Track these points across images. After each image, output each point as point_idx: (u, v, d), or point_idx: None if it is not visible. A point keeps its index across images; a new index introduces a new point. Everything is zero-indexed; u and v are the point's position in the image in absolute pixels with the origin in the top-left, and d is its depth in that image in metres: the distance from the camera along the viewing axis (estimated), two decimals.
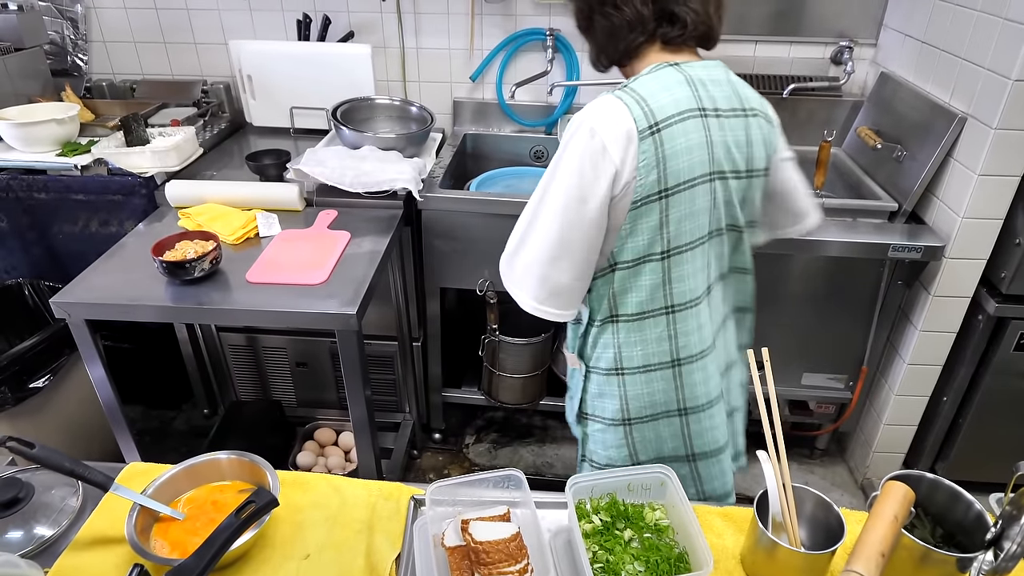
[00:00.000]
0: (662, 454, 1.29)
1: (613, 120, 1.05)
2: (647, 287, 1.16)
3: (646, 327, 1.19)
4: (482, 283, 2.13)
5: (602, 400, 1.28)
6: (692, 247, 1.15)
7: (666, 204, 1.09)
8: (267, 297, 1.55)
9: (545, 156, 2.55)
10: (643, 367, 1.21)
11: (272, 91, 2.41)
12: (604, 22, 1.16)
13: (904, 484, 0.80)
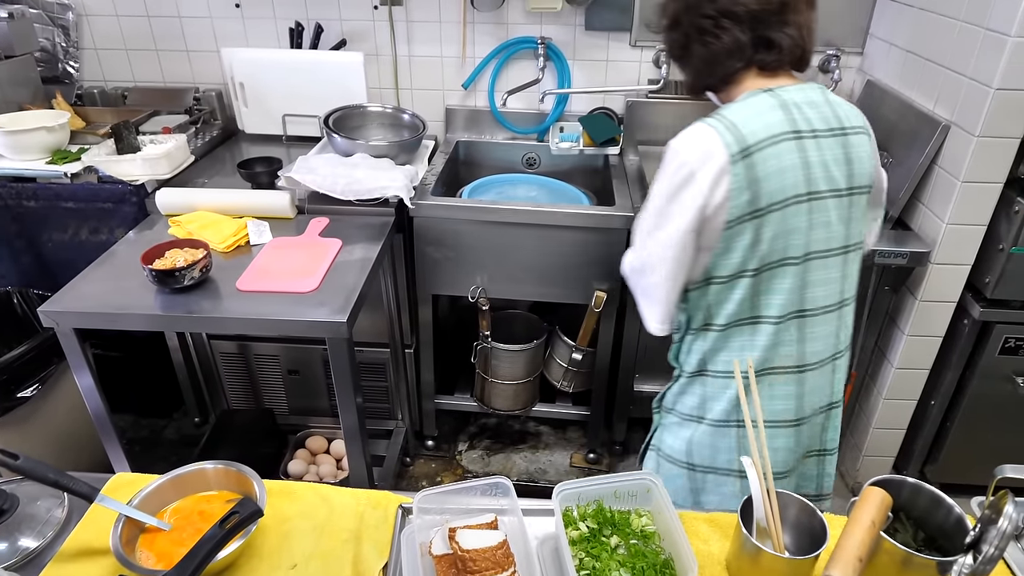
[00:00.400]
0: (716, 464, 1.33)
1: (703, 148, 1.11)
2: (737, 300, 1.21)
3: (732, 336, 1.24)
4: (474, 290, 2.14)
5: (683, 398, 1.36)
6: (784, 265, 1.18)
7: (760, 224, 1.14)
8: (257, 305, 1.55)
9: (537, 163, 2.57)
10: (724, 373, 1.27)
11: (264, 99, 2.41)
12: (702, 50, 1.19)
13: (881, 489, 0.81)
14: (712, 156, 1.10)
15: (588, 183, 2.49)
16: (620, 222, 2.01)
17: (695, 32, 1.19)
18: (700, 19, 1.17)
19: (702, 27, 1.18)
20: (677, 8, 1.22)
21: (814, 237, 1.17)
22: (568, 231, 2.04)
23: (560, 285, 2.13)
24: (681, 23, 1.22)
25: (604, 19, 2.36)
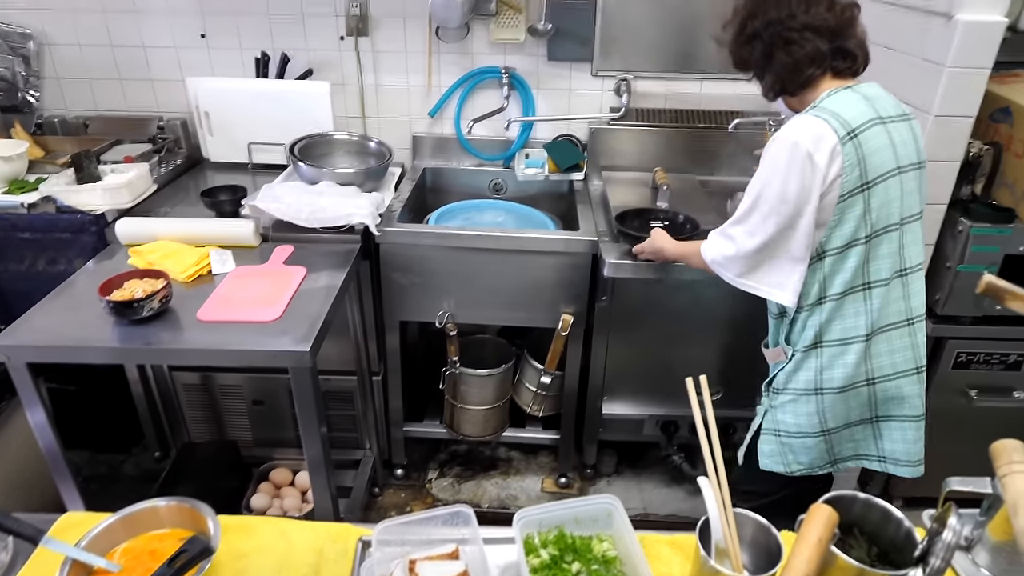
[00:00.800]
0: (849, 419, 1.52)
1: (818, 135, 1.32)
2: (852, 268, 1.39)
3: (846, 303, 1.42)
4: (441, 315, 2.14)
5: (796, 374, 1.51)
6: (888, 231, 1.39)
7: (868, 195, 1.35)
8: (218, 335, 1.54)
9: (503, 189, 2.59)
10: (840, 340, 1.44)
11: (230, 127, 2.41)
12: (787, 58, 1.39)
13: (827, 506, 0.82)
14: (824, 138, 1.31)
15: (554, 208, 2.51)
16: (584, 246, 2.04)
17: (781, 42, 1.38)
18: (786, 31, 1.37)
19: (789, 38, 1.37)
20: (756, 25, 1.41)
21: (906, 204, 1.40)
22: (534, 255, 2.06)
23: (527, 309, 2.14)
24: (761, 36, 1.40)
25: (566, 50, 2.41)
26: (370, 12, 2.39)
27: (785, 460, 1.58)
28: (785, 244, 1.39)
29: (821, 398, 1.49)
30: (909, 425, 1.52)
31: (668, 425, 2.29)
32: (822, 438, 1.53)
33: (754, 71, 1.48)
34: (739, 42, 1.46)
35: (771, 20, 1.39)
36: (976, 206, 1.90)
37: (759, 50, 1.42)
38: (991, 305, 1.94)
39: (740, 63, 1.50)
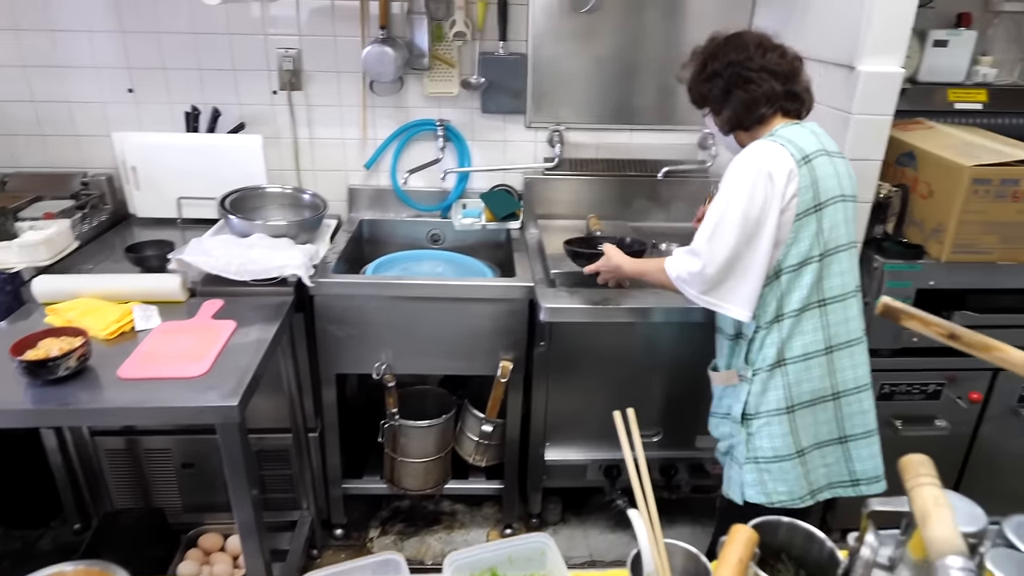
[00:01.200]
0: (819, 438, 1.59)
1: (776, 157, 1.44)
2: (807, 285, 1.49)
3: (804, 320, 1.52)
4: (379, 366, 2.11)
5: (766, 395, 1.56)
6: (839, 251, 1.51)
7: (820, 216, 1.47)
8: (140, 393, 1.48)
9: (441, 239, 2.60)
10: (803, 356, 1.53)
11: (158, 182, 2.38)
12: (744, 95, 1.52)
13: (746, 526, 0.83)
14: (782, 161, 1.43)
15: (492, 257, 2.54)
16: (521, 292, 2.06)
17: (740, 81, 1.51)
18: (745, 71, 1.51)
19: (748, 78, 1.51)
20: (717, 65, 1.54)
21: (848, 229, 1.53)
22: (471, 303, 2.07)
23: (466, 357, 2.13)
24: (722, 75, 1.53)
25: (499, 103, 2.47)
26: (303, 67, 2.42)
27: (766, 490, 1.60)
28: (746, 261, 1.47)
29: (793, 416, 1.56)
30: (874, 440, 1.63)
31: (611, 469, 2.28)
32: (797, 460, 1.57)
33: (712, 107, 1.60)
34: (700, 80, 1.58)
35: (732, 61, 1.52)
36: (888, 244, 2.00)
37: (719, 87, 1.55)
38: (908, 337, 2.02)
39: (699, 99, 1.62)
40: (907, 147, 2.02)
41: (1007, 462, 2.20)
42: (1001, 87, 2.34)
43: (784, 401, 1.55)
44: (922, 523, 0.72)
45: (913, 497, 0.75)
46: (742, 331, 1.60)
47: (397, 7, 2.35)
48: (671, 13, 2.39)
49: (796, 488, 1.59)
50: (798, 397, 1.55)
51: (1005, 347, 0.72)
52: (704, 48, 1.60)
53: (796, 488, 1.59)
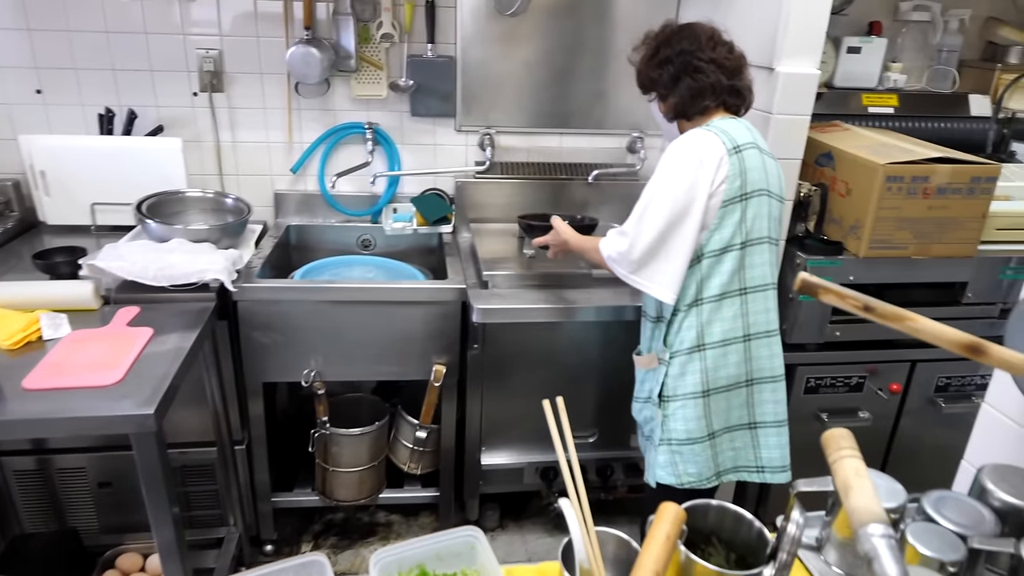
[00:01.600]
0: (730, 423, 1.63)
1: (709, 145, 1.48)
2: (728, 272, 1.53)
3: (724, 306, 1.55)
4: (308, 373, 2.05)
5: (683, 378, 1.59)
6: (760, 242, 1.55)
7: (745, 205, 1.51)
8: (47, 404, 1.39)
9: (372, 244, 2.56)
10: (721, 341, 1.56)
11: (70, 188, 2.25)
12: (692, 84, 1.55)
13: (674, 503, 0.83)
14: (714, 148, 1.48)
15: (424, 262, 2.51)
16: (453, 294, 2.03)
17: (689, 69, 1.55)
18: (696, 61, 1.54)
19: (697, 67, 1.54)
20: (669, 52, 1.57)
21: (772, 225, 1.58)
22: (402, 306, 2.03)
23: (398, 362, 2.09)
24: (672, 62, 1.56)
25: (429, 106, 2.45)
26: (225, 68, 2.34)
27: (676, 471, 1.64)
28: (671, 242, 1.50)
29: (708, 400, 1.60)
30: (783, 431, 1.68)
31: (547, 471, 2.27)
32: (708, 443, 1.62)
33: (659, 92, 1.63)
34: (651, 64, 1.61)
35: (683, 50, 1.56)
36: (810, 241, 2.06)
37: (668, 74, 1.57)
38: (832, 331, 2.09)
39: (648, 83, 1.65)
40: (825, 148, 2.10)
41: (926, 451, 2.29)
42: (910, 92, 2.46)
43: (700, 385, 1.59)
44: (844, 494, 0.73)
45: (835, 470, 0.76)
46: (662, 314, 1.63)
47: (322, 8, 2.31)
48: (598, 17, 2.42)
49: (704, 469, 1.63)
50: (714, 382, 1.59)
51: (916, 316, 0.74)
52: (657, 34, 1.63)
53: (704, 469, 1.63)
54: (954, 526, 0.99)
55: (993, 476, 1.07)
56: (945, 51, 2.51)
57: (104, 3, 2.22)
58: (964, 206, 1.96)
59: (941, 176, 1.90)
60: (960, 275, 2.09)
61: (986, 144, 2.41)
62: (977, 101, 2.46)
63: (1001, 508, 1.03)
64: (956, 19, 2.47)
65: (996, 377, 1.21)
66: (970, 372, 2.22)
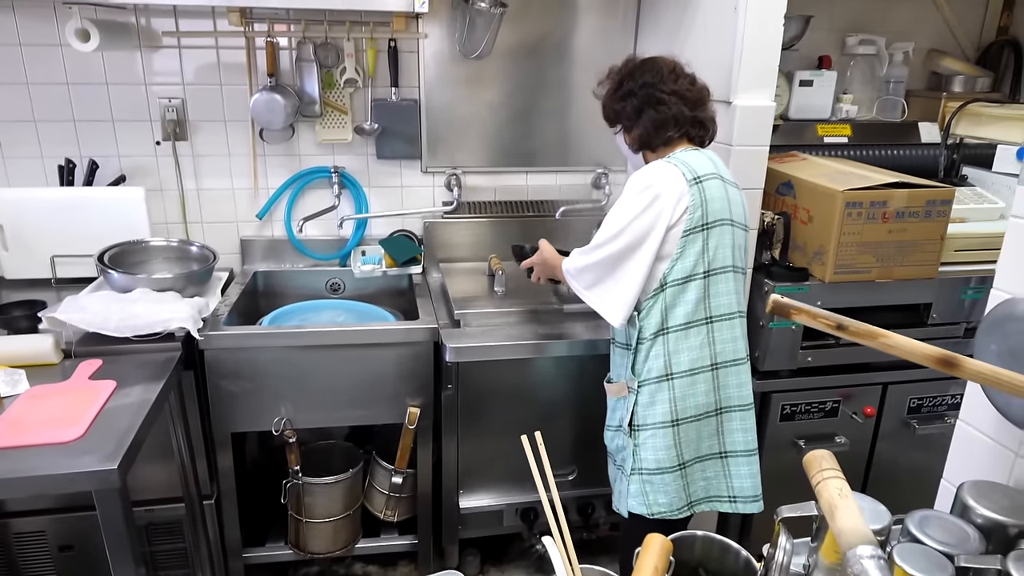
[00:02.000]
0: (700, 452, 1.63)
1: (669, 177, 1.51)
2: (692, 300, 1.54)
3: (691, 335, 1.56)
4: (278, 421, 2.00)
5: (652, 408, 1.59)
6: (724, 272, 1.57)
7: (707, 235, 1.53)
8: (6, 464, 1.34)
9: (341, 288, 2.53)
10: (689, 371, 1.57)
11: (29, 241, 2.20)
12: (655, 116, 1.58)
13: (660, 535, 0.82)
14: (675, 181, 1.50)
15: (395, 303, 2.48)
16: (425, 335, 2.01)
17: (653, 102, 1.58)
18: (658, 93, 1.58)
19: (660, 99, 1.57)
20: (632, 85, 1.61)
21: (736, 254, 1.60)
22: (373, 348, 2.00)
23: (371, 406, 2.06)
24: (636, 94, 1.60)
25: (394, 148, 2.46)
26: (188, 116, 2.33)
27: (647, 501, 1.63)
28: (624, 267, 1.54)
29: (677, 429, 1.59)
30: (753, 460, 1.67)
31: (528, 512, 2.23)
32: (679, 472, 1.61)
33: (623, 124, 1.67)
34: (615, 97, 1.65)
35: (646, 82, 1.59)
36: (776, 268, 2.09)
37: (632, 106, 1.61)
38: (803, 357, 2.11)
39: (612, 116, 1.68)
40: (785, 177, 2.15)
41: (904, 473, 2.30)
42: (863, 122, 2.54)
43: (670, 415, 1.59)
44: (830, 516, 0.73)
45: (819, 491, 0.76)
46: (630, 341, 1.63)
47: (285, 55, 2.32)
48: (559, 58, 2.47)
49: (675, 500, 1.63)
50: (683, 412, 1.59)
51: (889, 333, 0.74)
52: (621, 68, 1.67)
53: (675, 500, 1.63)
54: (940, 545, 0.98)
55: (973, 493, 1.08)
56: (892, 82, 2.60)
57: (65, 56, 2.20)
58: (922, 229, 2.01)
59: (898, 200, 1.95)
60: (924, 296, 2.13)
61: (938, 169, 2.49)
62: (926, 128, 2.55)
63: (984, 524, 1.03)
64: (900, 52, 2.57)
65: (968, 394, 1.23)
66: (940, 392, 2.25)
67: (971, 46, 2.76)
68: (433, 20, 2.35)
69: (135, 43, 2.23)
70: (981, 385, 1.08)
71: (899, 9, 2.63)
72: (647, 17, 2.45)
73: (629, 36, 2.50)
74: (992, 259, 1.19)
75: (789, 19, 1.92)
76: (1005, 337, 0.98)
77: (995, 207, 2.28)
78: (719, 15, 1.96)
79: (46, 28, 2.17)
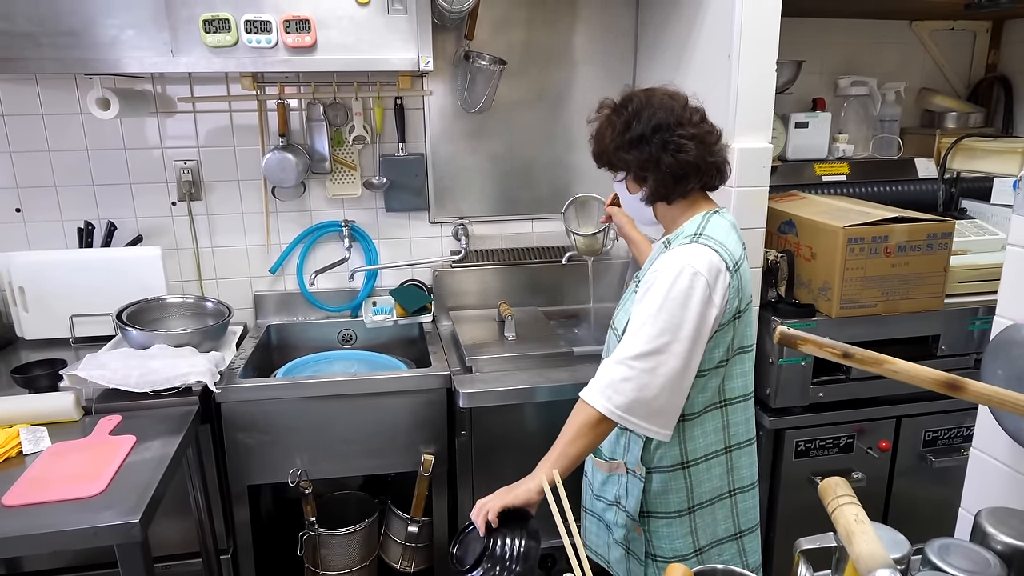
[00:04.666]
0: (716, 536, 1.52)
1: (712, 263, 1.32)
2: (712, 388, 1.43)
3: (706, 421, 1.44)
4: (294, 472, 2.01)
5: (666, 496, 1.47)
6: (743, 352, 1.46)
7: (739, 321, 1.40)
8: (28, 520, 1.35)
9: (353, 339, 2.56)
10: (704, 456, 1.46)
11: (49, 301, 2.25)
12: (673, 162, 1.35)
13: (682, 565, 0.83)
14: (720, 270, 1.32)
15: (406, 352, 2.51)
16: (438, 381, 2.03)
17: (671, 147, 1.35)
18: (675, 138, 1.35)
19: (678, 145, 1.35)
20: (643, 129, 1.36)
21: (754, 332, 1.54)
22: (387, 397, 2.02)
23: (385, 455, 2.07)
24: (649, 141, 1.36)
25: (402, 201, 2.53)
26: (202, 177, 2.41)
27: None
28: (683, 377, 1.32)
29: (693, 516, 1.50)
30: (758, 532, 1.61)
31: (545, 559, 2.21)
32: (695, 559, 1.52)
33: (634, 174, 1.42)
34: (622, 143, 1.39)
35: (660, 124, 1.35)
36: (782, 305, 2.12)
37: (646, 154, 1.37)
38: (815, 392, 2.12)
39: (618, 164, 1.43)
40: (786, 216, 2.19)
41: (923, 507, 2.28)
42: (859, 160, 2.60)
43: (686, 503, 1.48)
44: (847, 541, 0.74)
45: (836, 518, 0.77)
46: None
47: (296, 116, 2.40)
48: (557, 109, 2.56)
49: None
50: (699, 498, 1.49)
51: (894, 360, 0.77)
52: (624, 105, 1.41)
53: None
54: (961, 573, 0.98)
55: (991, 520, 1.08)
56: (886, 120, 2.67)
57: (84, 123, 2.29)
58: (925, 262, 2.04)
59: (899, 235, 1.99)
60: (931, 329, 2.14)
61: (937, 203, 2.53)
62: (923, 164, 2.60)
63: (1004, 551, 1.03)
64: (892, 91, 2.65)
65: (980, 422, 1.24)
66: (955, 424, 2.24)
67: (961, 83, 2.84)
68: (437, 78, 2.44)
69: (151, 109, 2.33)
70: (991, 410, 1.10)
71: (889, 51, 2.72)
72: (643, 67, 2.54)
73: (627, 84, 2.58)
74: (997, 289, 1.20)
75: (781, 64, 1.99)
76: (1010, 363, 1.00)
77: (996, 238, 2.31)
78: (713, 62, 2.03)
79: (67, 97, 2.26)
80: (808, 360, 2.08)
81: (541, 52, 2.50)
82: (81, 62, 1.92)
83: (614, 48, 2.55)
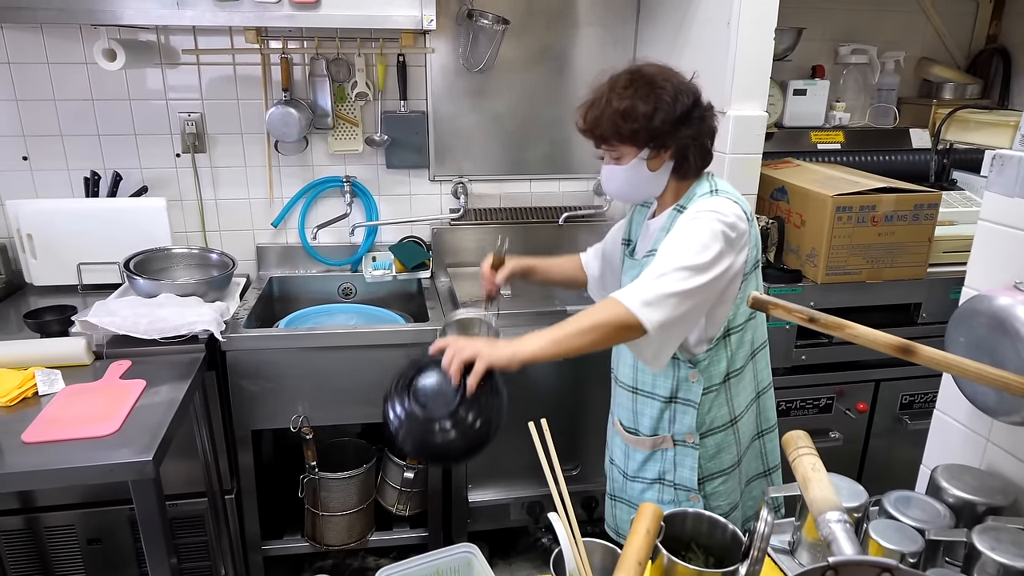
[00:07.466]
0: (749, 475, 1.58)
1: (738, 212, 1.33)
2: (748, 342, 1.47)
3: (745, 374, 1.48)
4: (296, 419, 2.09)
5: (720, 456, 1.49)
6: None
7: (757, 273, 1.44)
8: (47, 456, 1.43)
9: (353, 293, 2.63)
10: (745, 409, 1.50)
11: (57, 249, 2.30)
12: (705, 143, 1.40)
13: (652, 503, 0.91)
14: (742, 218, 1.34)
15: (404, 307, 2.58)
16: (434, 335, 2.10)
17: (707, 132, 1.39)
18: (706, 112, 1.38)
19: (712, 129, 1.40)
20: (688, 103, 1.34)
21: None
22: (385, 349, 2.10)
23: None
24: (692, 116, 1.34)
25: (403, 158, 2.57)
26: (206, 130, 2.44)
27: None
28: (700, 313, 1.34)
29: (739, 468, 1.52)
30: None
31: (534, 506, 2.32)
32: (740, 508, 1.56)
33: (675, 150, 1.37)
34: (674, 120, 1.33)
35: (697, 99, 1.36)
36: (771, 270, 2.18)
37: (694, 129, 1.35)
38: (798, 355, 2.20)
39: (667, 141, 1.35)
40: (779, 183, 2.24)
41: (897, 467, 2.39)
42: (855, 129, 2.64)
43: (735, 457, 1.51)
44: (804, 487, 0.82)
45: (795, 467, 0.85)
46: (677, 395, 1.44)
47: (299, 71, 2.42)
48: (559, 69, 2.58)
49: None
50: (743, 449, 1.52)
51: (853, 324, 0.84)
52: (650, 81, 1.34)
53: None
54: (912, 521, 1.07)
55: (946, 475, 1.17)
56: (884, 90, 2.70)
57: (89, 73, 2.31)
58: (911, 232, 2.10)
59: (887, 205, 2.05)
60: (914, 296, 2.21)
61: (929, 174, 2.58)
62: (917, 134, 2.64)
63: (955, 503, 1.13)
64: (892, 60, 2.67)
65: (944, 385, 1.32)
66: (931, 389, 2.32)
67: (961, 54, 2.85)
68: (439, 36, 2.45)
69: (156, 60, 2.34)
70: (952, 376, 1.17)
71: (890, 19, 2.73)
72: (645, 30, 2.56)
73: (627, 48, 2.60)
74: None
75: (781, 31, 2.02)
76: (971, 330, 1.07)
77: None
78: (713, 29, 2.06)
79: (73, 47, 2.28)
80: (793, 325, 2.15)
81: (544, 12, 2.51)
82: (87, 12, 1.95)
83: (616, 9, 2.56)
